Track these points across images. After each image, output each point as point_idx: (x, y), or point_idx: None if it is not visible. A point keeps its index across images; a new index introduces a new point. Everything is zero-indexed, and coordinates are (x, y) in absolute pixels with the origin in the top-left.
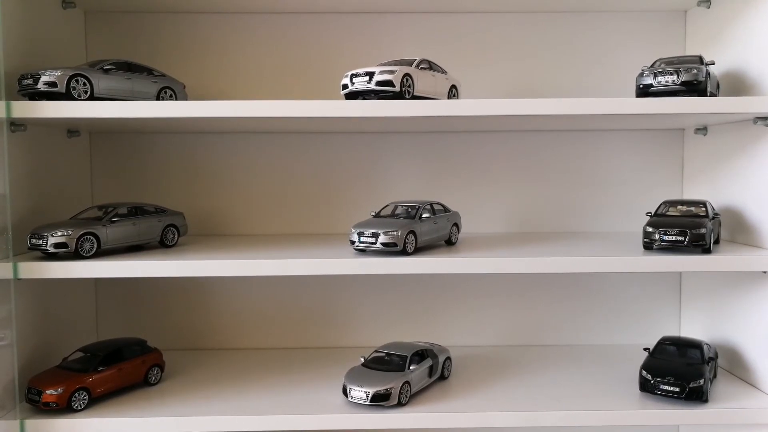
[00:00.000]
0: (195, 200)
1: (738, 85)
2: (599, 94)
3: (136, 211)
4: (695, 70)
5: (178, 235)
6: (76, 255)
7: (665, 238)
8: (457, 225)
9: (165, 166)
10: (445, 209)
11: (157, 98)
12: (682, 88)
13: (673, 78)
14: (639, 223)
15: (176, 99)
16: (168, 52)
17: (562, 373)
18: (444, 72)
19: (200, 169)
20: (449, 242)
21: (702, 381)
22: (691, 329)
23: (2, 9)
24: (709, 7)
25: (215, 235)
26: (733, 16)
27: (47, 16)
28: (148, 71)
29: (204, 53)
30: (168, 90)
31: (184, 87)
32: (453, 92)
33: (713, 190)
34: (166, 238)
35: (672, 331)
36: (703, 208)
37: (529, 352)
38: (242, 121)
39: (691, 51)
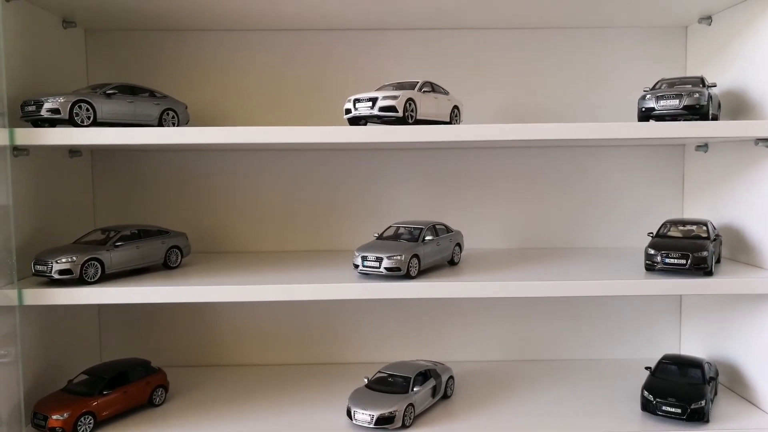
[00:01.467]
0: (197, 217)
1: (739, 103)
2: (601, 110)
3: (140, 234)
4: (697, 94)
5: (181, 257)
6: (81, 280)
7: (667, 260)
8: (459, 245)
9: (167, 183)
10: (448, 229)
11: (160, 120)
12: (685, 112)
13: (675, 102)
14: (640, 238)
15: (178, 120)
16: (169, 70)
17: (564, 391)
18: (446, 93)
19: (202, 186)
20: (452, 262)
21: (703, 402)
22: (691, 344)
23: (3, 30)
24: (710, 25)
25: (217, 252)
26: (734, 34)
27: (48, 36)
28: (150, 93)
29: (205, 71)
30: (170, 111)
31: (186, 107)
32: (455, 113)
33: (714, 206)
34: (170, 260)
35: (672, 346)
36: (705, 229)
37: (530, 368)
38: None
39: (693, 67)
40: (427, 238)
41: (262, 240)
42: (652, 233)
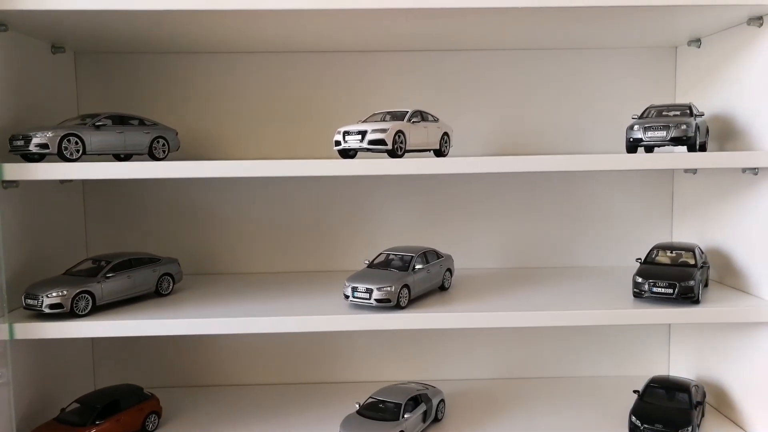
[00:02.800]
0: (188, 240)
1: (727, 129)
2: (590, 129)
3: (131, 263)
4: (684, 126)
5: (173, 284)
6: (72, 314)
7: (654, 289)
8: (450, 270)
9: (159, 208)
10: (438, 255)
11: (150, 148)
12: (672, 144)
13: (662, 134)
14: (629, 258)
15: (169, 148)
16: (159, 92)
17: (553, 410)
18: (435, 120)
19: (194, 211)
20: (442, 287)
21: (690, 428)
22: (680, 364)
23: None
24: (699, 47)
25: (208, 274)
26: (723, 59)
27: (37, 61)
28: (140, 122)
29: (195, 93)
30: (161, 140)
31: (177, 134)
32: (445, 139)
33: (702, 229)
34: (161, 287)
35: (661, 365)
36: (693, 255)
37: (519, 386)
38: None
39: (682, 87)
40: (417, 266)
41: (254, 262)
42: (640, 259)
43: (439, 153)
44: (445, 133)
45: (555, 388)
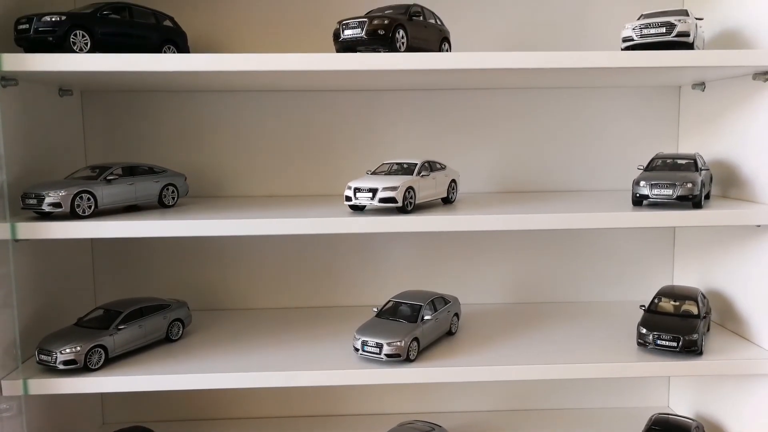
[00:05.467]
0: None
1: (730, 175)
2: (595, 166)
3: (142, 312)
4: (690, 184)
5: (183, 328)
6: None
7: (659, 342)
8: (457, 314)
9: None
10: (445, 300)
11: (160, 197)
12: (678, 201)
13: (669, 192)
14: (629, 294)
15: (178, 194)
16: (164, 129)
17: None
18: (443, 168)
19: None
20: (447, 200)
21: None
22: (680, 405)
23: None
24: (703, 90)
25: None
26: (727, 106)
27: (45, 106)
28: (150, 169)
29: (201, 130)
30: (170, 187)
31: (185, 179)
32: (452, 186)
33: (704, 274)
34: (172, 333)
35: (661, 399)
36: (695, 304)
37: (524, 417)
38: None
39: (686, 126)
40: (426, 317)
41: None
42: (644, 306)
43: (447, 200)
44: (453, 180)
45: (558, 419)
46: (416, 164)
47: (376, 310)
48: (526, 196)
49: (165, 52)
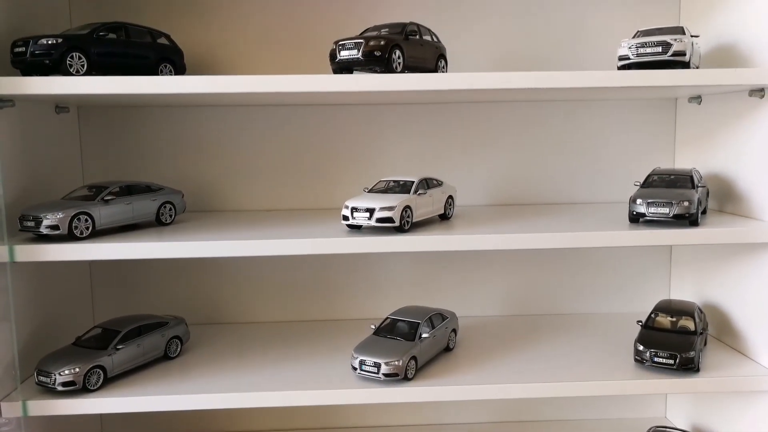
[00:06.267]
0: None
1: (726, 191)
2: (589, 183)
3: (140, 330)
4: (687, 203)
5: (181, 345)
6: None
7: (656, 359)
8: (455, 330)
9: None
10: (443, 317)
11: (158, 214)
12: (674, 220)
13: (665, 210)
14: (631, 305)
15: (176, 212)
16: (161, 144)
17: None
18: (440, 184)
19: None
20: (444, 217)
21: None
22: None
23: None
24: (699, 104)
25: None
26: (724, 121)
27: (42, 124)
28: (147, 188)
29: (198, 144)
30: (167, 204)
31: (183, 196)
32: (449, 203)
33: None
34: (170, 350)
35: (658, 409)
36: (692, 320)
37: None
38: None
39: (682, 139)
40: (424, 335)
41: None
42: (641, 321)
43: (444, 216)
44: (450, 197)
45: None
46: (413, 182)
47: (374, 327)
48: (522, 210)
49: (161, 71)
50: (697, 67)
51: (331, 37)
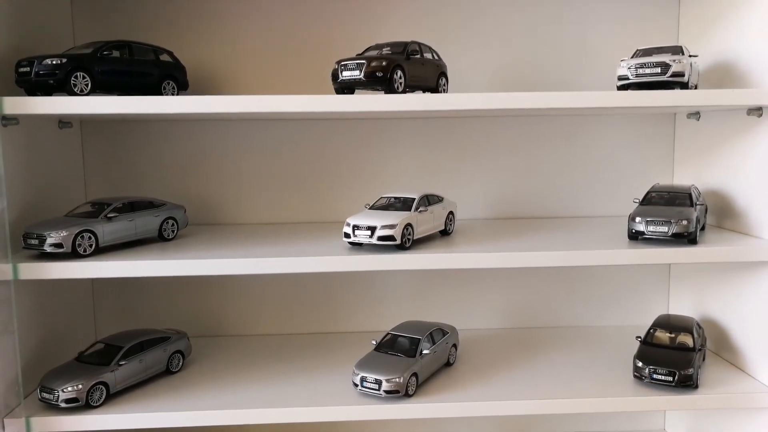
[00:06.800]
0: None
1: (725, 208)
2: (589, 197)
3: (142, 346)
4: (685, 222)
5: (183, 360)
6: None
7: (654, 376)
8: (455, 345)
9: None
10: (443, 332)
11: (160, 231)
12: (673, 239)
13: (664, 229)
14: (629, 318)
15: (178, 226)
16: (164, 156)
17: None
18: (440, 200)
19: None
20: (445, 232)
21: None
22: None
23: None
24: (698, 120)
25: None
26: (722, 138)
27: (45, 139)
28: (150, 204)
29: (201, 157)
30: (170, 220)
31: (185, 210)
32: (450, 218)
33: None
34: (172, 365)
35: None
36: (691, 336)
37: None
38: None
39: (681, 154)
40: (425, 351)
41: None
42: (639, 337)
43: (445, 232)
44: (450, 212)
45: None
46: (414, 199)
47: (375, 342)
48: (522, 224)
49: (164, 88)
50: (696, 85)
51: (332, 52)
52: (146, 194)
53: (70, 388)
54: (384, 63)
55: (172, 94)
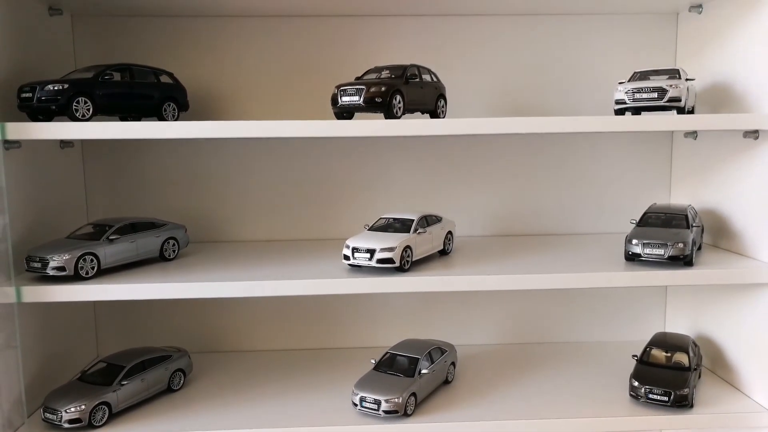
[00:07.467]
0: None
1: (721, 227)
2: (587, 215)
3: (144, 365)
4: (681, 244)
5: (184, 378)
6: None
7: (650, 396)
8: (453, 363)
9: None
10: (442, 350)
11: (161, 249)
12: (669, 261)
13: (660, 252)
14: (621, 335)
15: (179, 246)
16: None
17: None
18: (439, 220)
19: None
20: (443, 252)
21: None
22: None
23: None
24: (695, 139)
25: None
26: (719, 157)
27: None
28: (151, 224)
29: (201, 176)
30: (171, 240)
31: (186, 230)
32: (448, 238)
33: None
34: (173, 383)
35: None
36: (686, 355)
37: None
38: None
39: (678, 172)
40: (423, 371)
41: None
42: (636, 356)
43: (443, 252)
44: (449, 232)
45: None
46: (413, 220)
47: (374, 361)
48: (520, 241)
49: (165, 110)
50: (693, 108)
51: (332, 73)
52: (147, 212)
53: (73, 409)
54: (383, 88)
55: (173, 116)
